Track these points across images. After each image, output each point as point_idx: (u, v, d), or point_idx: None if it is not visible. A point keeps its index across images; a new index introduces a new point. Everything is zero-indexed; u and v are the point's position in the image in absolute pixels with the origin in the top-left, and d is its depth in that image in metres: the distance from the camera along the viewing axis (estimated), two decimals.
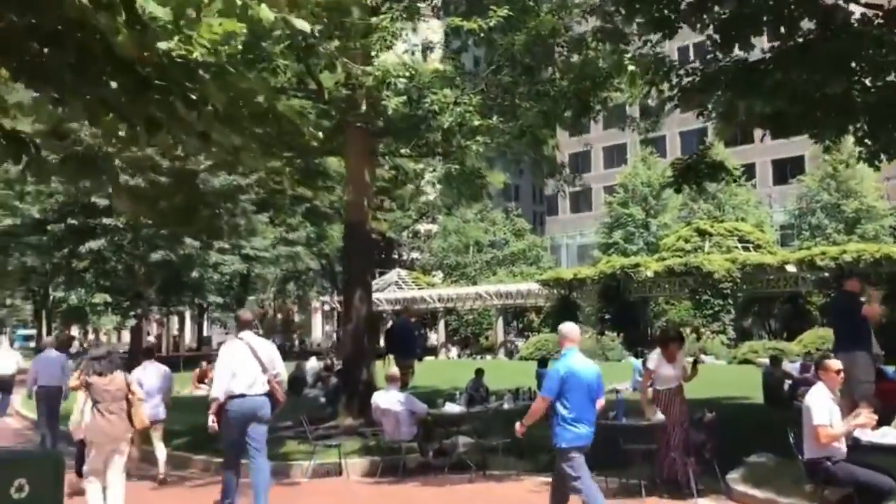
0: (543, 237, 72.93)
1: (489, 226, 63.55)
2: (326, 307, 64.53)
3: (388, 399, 10.63)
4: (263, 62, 10.78)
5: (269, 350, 8.27)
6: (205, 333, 57.02)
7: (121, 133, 5.75)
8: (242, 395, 7.92)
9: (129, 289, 32.87)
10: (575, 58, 12.30)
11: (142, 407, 8.43)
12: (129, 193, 16.44)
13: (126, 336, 46.19)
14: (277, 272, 45.85)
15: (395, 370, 11.42)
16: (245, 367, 7.99)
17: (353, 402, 13.68)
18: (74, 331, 65.67)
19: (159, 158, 19.39)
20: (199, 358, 30.83)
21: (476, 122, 10.79)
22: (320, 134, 12.71)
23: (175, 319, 61.64)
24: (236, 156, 13.00)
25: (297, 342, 61.16)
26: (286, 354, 42.85)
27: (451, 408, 11.08)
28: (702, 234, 42.81)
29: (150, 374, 10.68)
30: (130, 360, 34.27)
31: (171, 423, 11.65)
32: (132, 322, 33.08)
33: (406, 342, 16.04)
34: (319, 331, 71.19)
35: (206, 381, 22.51)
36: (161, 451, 10.44)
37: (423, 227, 64.29)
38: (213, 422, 8.06)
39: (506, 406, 12.75)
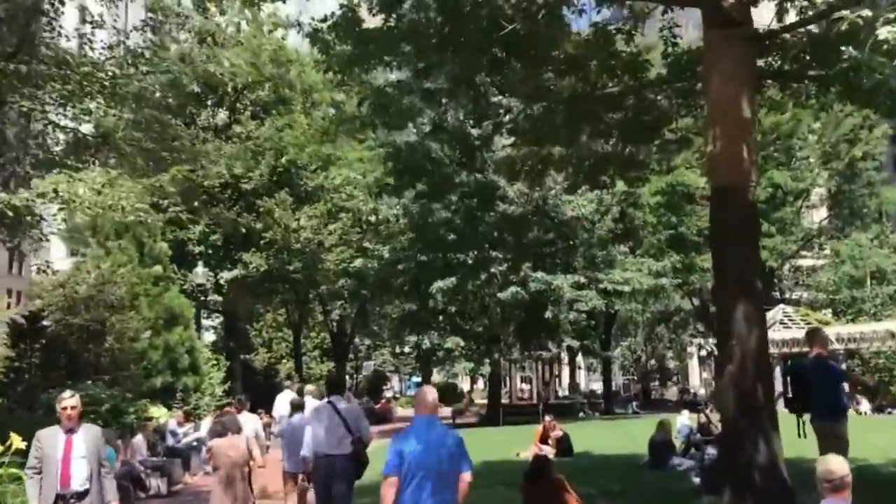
0: None
1: (890, 252, 50.41)
2: (703, 351, 55.96)
3: None
4: None
5: (353, 413, 8.16)
6: (578, 380, 51.93)
7: None
8: (327, 455, 7.83)
9: (484, 332, 28.85)
10: None
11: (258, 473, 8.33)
12: None
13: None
14: (646, 314, 39.48)
15: (835, 467, 4.27)
16: (330, 429, 7.84)
17: (744, 498, 7.23)
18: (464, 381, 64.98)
19: None
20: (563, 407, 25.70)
21: None
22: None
23: (544, 365, 57.46)
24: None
25: (674, 392, 53.69)
26: (658, 405, 36.21)
27: None
28: None
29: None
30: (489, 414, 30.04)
31: None
32: (487, 369, 28.84)
33: (827, 393, 8.90)
34: (697, 378, 62.49)
35: (550, 441, 16.83)
36: None
37: (805, 263, 53.46)
38: (303, 479, 8.91)
39: None
